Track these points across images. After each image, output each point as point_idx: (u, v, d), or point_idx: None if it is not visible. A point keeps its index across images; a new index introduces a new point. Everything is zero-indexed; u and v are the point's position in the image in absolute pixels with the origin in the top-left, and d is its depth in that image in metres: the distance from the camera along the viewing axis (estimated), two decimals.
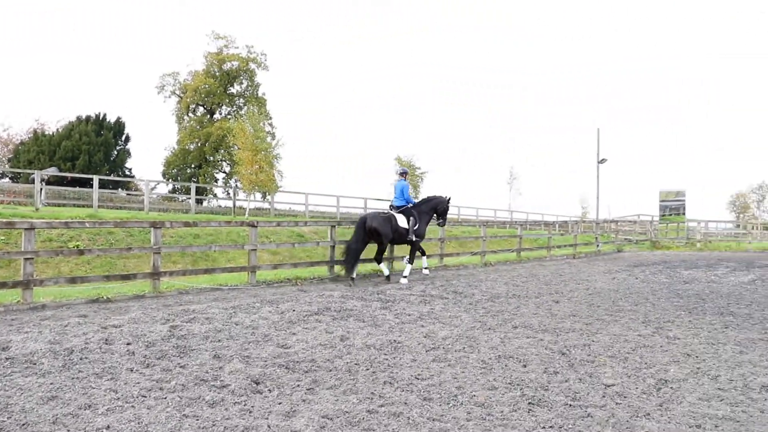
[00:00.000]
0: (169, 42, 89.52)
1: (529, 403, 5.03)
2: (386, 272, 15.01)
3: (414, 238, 14.99)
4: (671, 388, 5.57)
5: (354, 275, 14.06)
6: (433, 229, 19.70)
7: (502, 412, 4.80)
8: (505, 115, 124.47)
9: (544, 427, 4.46)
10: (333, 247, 15.30)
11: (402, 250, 17.38)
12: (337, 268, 15.18)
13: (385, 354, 6.72)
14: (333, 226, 15.68)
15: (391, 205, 15.61)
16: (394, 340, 7.42)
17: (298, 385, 5.41)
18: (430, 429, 4.38)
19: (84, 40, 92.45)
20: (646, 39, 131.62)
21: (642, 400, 5.19)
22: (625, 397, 5.27)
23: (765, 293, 12.82)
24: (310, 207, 35.92)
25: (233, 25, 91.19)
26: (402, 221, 14.82)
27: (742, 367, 6.36)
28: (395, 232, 14.69)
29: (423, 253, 16.06)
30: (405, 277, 14.50)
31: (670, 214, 36.80)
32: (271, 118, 52.71)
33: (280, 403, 4.89)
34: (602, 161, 42.80)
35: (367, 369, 6.05)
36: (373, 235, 14.35)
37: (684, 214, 36.68)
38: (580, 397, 5.22)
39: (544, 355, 6.78)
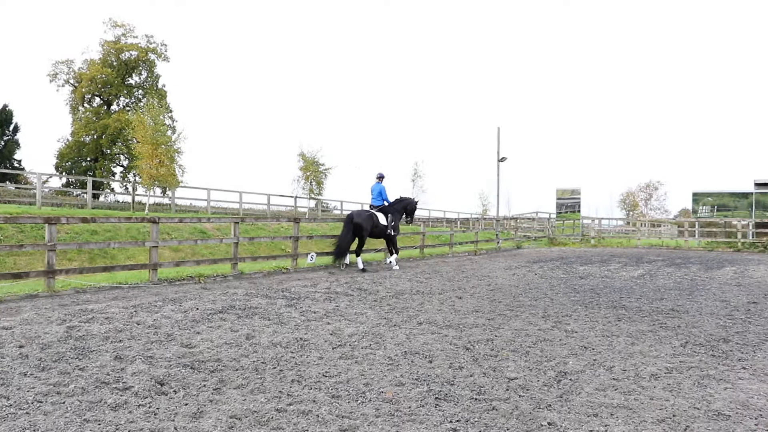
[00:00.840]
0: (62, 26, 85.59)
1: (436, 397, 5.13)
2: (361, 266, 16.87)
3: (393, 233, 17.75)
4: (570, 379, 5.80)
5: (345, 263, 17.07)
6: (337, 227, 19.73)
7: (410, 407, 4.86)
8: (409, 112, 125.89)
9: (451, 421, 4.55)
10: (236, 244, 15.06)
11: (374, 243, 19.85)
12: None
13: (292, 352, 6.68)
14: (236, 223, 15.43)
15: (371, 205, 18.17)
16: (301, 338, 7.39)
17: (205, 385, 5.31)
18: (340, 426, 4.40)
19: None
20: (547, 40, 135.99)
21: (543, 392, 5.38)
22: (527, 389, 5.45)
23: (653, 287, 13.51)
24: (212, 203, 35.25)
25: (132, 13, 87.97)
26: (381, 219, 17.43)
27: (633, 358, 6.69)
28: (375, 228, 17.26)
29: (393, 249, 18.21)
30: (395, 265, 17.71)
31: (567, 212, 38.19)
32: (171, 111, 51.33)
33: (186, 404, 4.79)
34: (502, 159, 43.92)
35: (275, 367, 6.01)
36: (357, 229, 16.76)
37: (579, 211, 38.15)
38: (485, 391, 5.36)
39: (449, 351, 6.92)
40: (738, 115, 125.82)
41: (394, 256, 17.95)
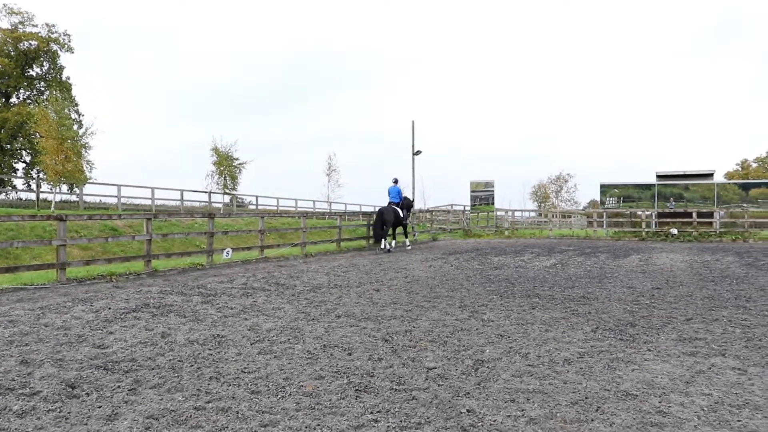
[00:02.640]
0: None
1: (356, 390, 5.15)
2: (388, 247, 22.84)
3: (407, 222, 24.57)
4: (488, 367, 5.93)
5: (384, 246, 22.68)
6: (253, 221, 19.50)
7: (330, 400, 4.87)
8: (325, 106, 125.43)
9: (372, 412, 4.58)
10: (150, 240, 14.68)
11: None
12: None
13: (210, 349, 6.58)
14: (149, 219, 15.04)
15: (390, 202, 23.81)
16: (218, 335, 7.28)
17: (119, 387, 5.16)
18: (260, 422, 4.36)
19: None
20: (459, 33, 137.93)
21: (462, 380, 5.48)
22: (446, 378, 5.53)
23: (565, 276, 13.95)
24: (123, 200, 34.20)
25: (34, 2, 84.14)
26: (400, 213, 23.49)
27: (548, 344, 6.90)
28: (397, 219, 23.37)
29: (407, 235, 25.16)
30: (408, 245, 24.89)
31: (481, 204, 38.82)
32: (77, 105, 49.43)
33: (99, 407, 4.65)
34: (417, 153, 44.24)
35: (192, 365, 5.90)
36: (385, 222, 22.79)
37: (493, 203, 38.86)
38: (405, 381, 5.42)
39: (368, 343, 6.95)
40: (642, 112, 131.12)
41: (407, 240, 25.11)
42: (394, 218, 23.04)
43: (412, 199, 25.58)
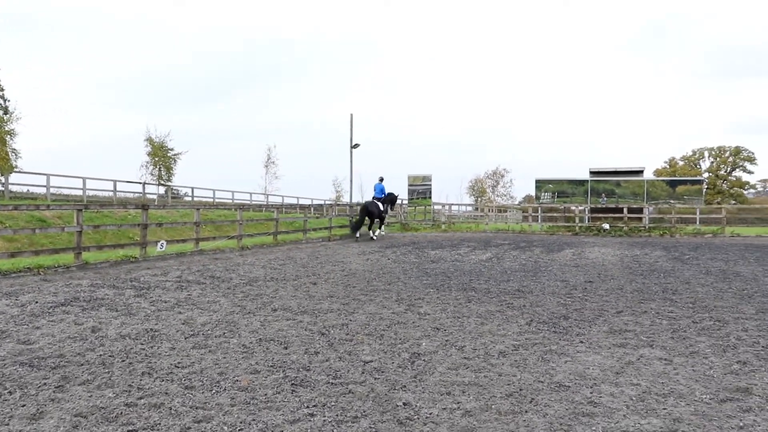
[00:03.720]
0: None
1: (293, 384, 5.10)
2: (371, 235, 26.82)
3: (385, 215, 28.26)
4: (424, 360, 5.96)
5: (358, 236, 26.63)
6: (188, 213, 19.16)
7: (266, 394, 4.81)
8: (263, 97, 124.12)
9: (308, 407, 4.55)
10: (80, 232, 14.25)
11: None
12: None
13: (142, 344, 6.43)
14: (80, 210, 14.59)
15: (373, 197, 27.77)
16: (151, 329, 7.13)
17: (45, 384, 4.99)
18: (194, 417, 4.28)
19: None
20: (397, 27, 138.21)
21: (398, 373, 5.49)
22: (382, 371, 5.54)
23: (500, 269, 14.15)
24: (53, 190, 33.10)
25: None
26: (381, 207, 27.27)
27: (483, 337, 6.98)
28: (378, 212, 26.99)
29: (381, 225, 28.53)
30: (379, 234, 27.72)
31: (418, 198, 38.99)
32: (3, 90, 47.60)
33: (24, 405, 4.47)
34: (355, 146, 44.26)
35: (123, 360, 5.75)
36: (370, 214, 26.66)
37: (430, 197, 39.11)
38: (341, 375, 5.40)
39: (304, 336, 6.91)
40: (576, 110, 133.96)
41: (381, 229, 28.45)
42: (377, 211, 26.95)
43: (397, 195, 29.15)
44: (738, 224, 35.34)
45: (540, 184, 36.30)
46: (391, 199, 28.48)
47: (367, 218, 26.82)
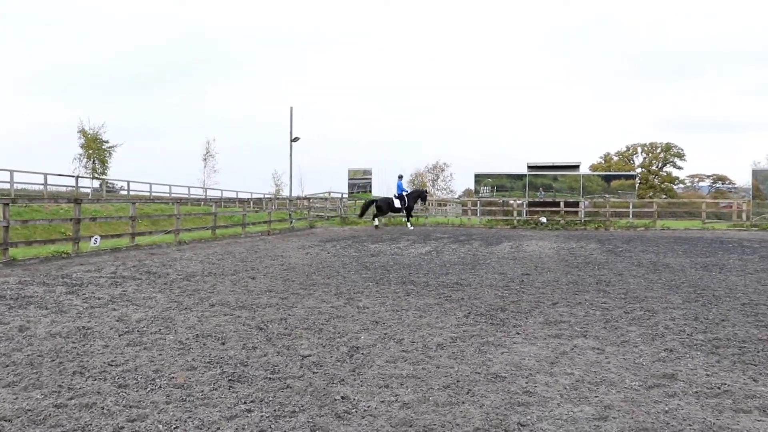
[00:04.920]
0: None
1: (230, 380, 5.04)
2: (376, 223, 30.67)
3: (404, 210, 30.80)
4: (362, 354, 5.96)
5: (377, 224, 30.49)
6: (124, 207, 18.74)
7: (202, 391, 4.74)
8: (203, 90, 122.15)
9: (245, 402, 4.50)
10: (6, 227, 13.77)
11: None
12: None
13: (74, 342, 6.25)
14: (6, 204, 14.10)
15: (394, 194, 31.13)
16: (84, 327, 6.94)
17: None
18: (128, 416, 4.18)
19: None
20: (335, 19, 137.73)
21: (337, 367, 5.48)
22: (321, 366, 5.52)
23: (440, 262, 14.27)
24: None
25: None
26: (396, 202, 30.49)
27: (421, 330, 7.02)
28: (389, 207, 30.73)
29: (408, 217, 31.39)
30: (411, 227, 30.39)
31: (359, 192, 38.87)
32: None
33: None
34: (295, 139, 44.02)
35: (53, 360, 5.58)
36: (377, 207, 30.64)
37: (371, 191, 39.09)
38: (279, 370, 5.36)
39: (242, 332, 6.84)
40: (516, 105, 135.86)
41: (409, 223, 31.18)
42: (387, 207, 30.88)
43: (425, 191, 33.99)
44: (668, 218, 36.42)
45: (479, 178, 36.63)
46: (418, 194, 32.48)
47: (377, 211, 30.92)
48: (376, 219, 31.11)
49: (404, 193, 31.27)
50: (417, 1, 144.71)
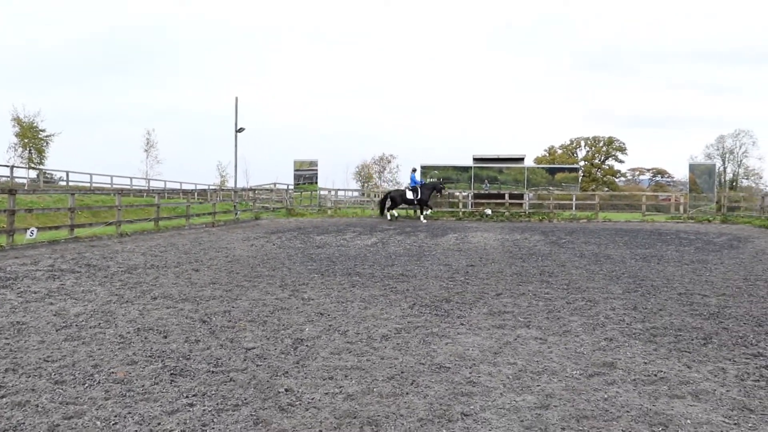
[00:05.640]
0: None
1: (171, 373, 4.96)
2: (389, 217, 30.34)
3: (416, 202, 30.59)
4: (307, 345, 5.93)
5: (389, 217, 30.33)
6: (63, 198, 18.25)
7: (143, 386, 4.65)
8: (144, 81, 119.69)
9: (187, 396, 4.43)
10: None
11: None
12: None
13: (7, 338, 6.06)
14: None
15: (407, 186, 31.53)
16: (18, 322, 6.74)
17: None
18: (64, 414, 4.07)
19: None
20: (286, 13, 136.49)
21: (281, 359, 5.44)
22: (265, 358, 5.47)
23: (385, 254, 14.29)
24: None
25: None
26: (409, 194, 30.43)
27: (366, 321, 7.02)
28: (402, 199, 30.60)
29: (423, 211, 31.01)
30: (425, 219, 30.68)
31: (305, 183, 38.65)
32: None
33: None
34: (240, 130, 43.56)
35: None
36: (392, 199, 30.67)
37: (317, 183, 38.90)
38: (222, 363, 5.30)
39: (185, 325, 6.73)
40: (463, 97, 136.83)
41: (422, 216, 30.87)
42: (400, 199, 30.71)
43: (441, 184, 32.65)
44: (610, 210, 37.19)
45: (425, 170, 36.74)
46: (433, 186, 31.41)
47: (391, 203, 30.78)
48: (388, 212, 30.76)
49: (418, 186, 30.94)
50: None
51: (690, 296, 8.87)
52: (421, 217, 31.02)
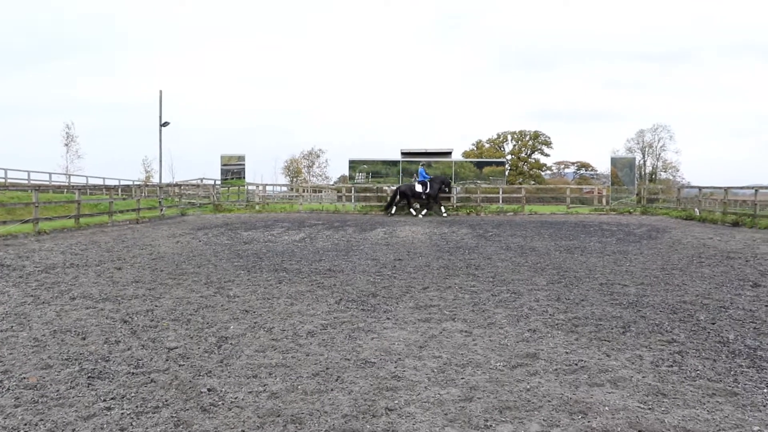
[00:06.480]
0: None
1: (89, 377, 4.80)
2: (414, 213, 29.67)
3: (424, 196, 29.51)
4: (231, 344, 5.84)
5: (392, 212, 29.93)
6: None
7: (58, 390, 4.49)
8: (64, 73, 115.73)
9: (105, 400, 4.30)
10: None
11: None
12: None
13: None
14: None
15: (416, 181, 30.42)
16: None
17: None
18: None
19: None
20: (210, 7, 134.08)
21: (204, 359, 5.34)
22: (188, 358, 5.36)
23: (313, 249, 14.20)
24: None
25: None
26: (418, 188, 29.55)
27: (292, 318, 6.96)
28: (412, 193, 29.77)
29: (428, 205, 29.81)
30: (422, 215, 29.05)
31: (232, 178, 38.04)
32: None
33: None
34: (165, 124, 42.57)
35: None
36: (402, 194, 30.01)
37: (244, 177, 38.36)
38: (143, 364, 5.16)
39: (105, 325, 6.54)
40: (391, 92, 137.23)
41: (424, 211, 29.65)
42: (410, 193, 30.10)
43: (448, 177, 32.92)
44: (536, 203, 38.08)
45: (354, 164, 36.69)
46: (442, 181, 30.53)
47: (402, 199, 30.36)
48: (393, 207, 30.22)
49: (427, 180, 30.10)
50: None
51: (611, 286, 9.13)
52: (421, 214, 29.87)
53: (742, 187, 29.13)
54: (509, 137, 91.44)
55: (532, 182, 79.90)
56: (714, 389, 4.62)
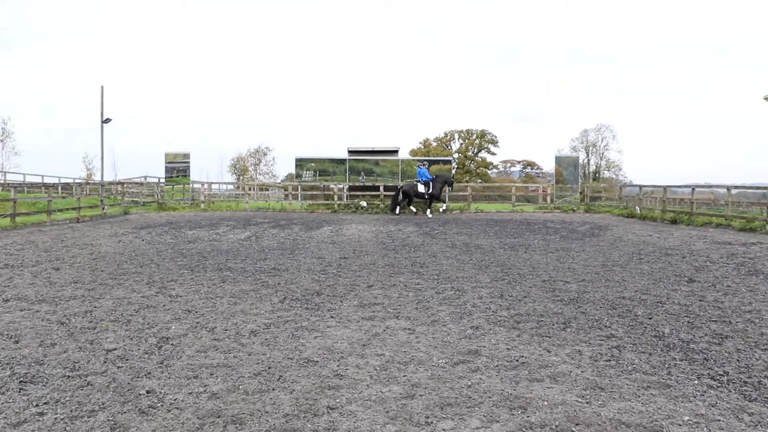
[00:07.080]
0: None
1: (21, 381, 4.66)
2: (414, 210, 29.91)
3: (427, 196, 29.53)
4: (172, 344, 5.74)
5: (397, 212, 29.65)
6: None
7: None
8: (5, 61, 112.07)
9: (37, 405, 4.18)
10: None
11: None
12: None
13: None
14: None
15: (417, 180, 30.21)
16: None
17: None
18: None
19: None
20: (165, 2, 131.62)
21: (144, 360, 5.24)
22: (127, 359, 5.25)
23: (258, 248, 14.07)
24: None
25: None
26: (421, 188, 29.47)
27: (235, 317, 6.89)
28: (414, 192, 29.69)
29: (430, 204, 29.90)
30: (430, 215, 28.74)
31: (177, 176, 37.41)
32: None
33: None
34: (107, 121, 41.74)
35: None
36: (404, 193, 29.91)
37: (189, 175, 37.81)
38: (80, 367, 5.04)
39: (40, 328, 6.36)
40: (336, 91, 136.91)
41: (429, 210, 29.49)
42: (412, 192, 30.05)
43: (451, 177, 35.00)
44: (482, 201, 38.28)
45: (301, 162, 36.51)
46: (444, 180, 30.78)
47: (404, 198, 30.31)
48: (405, 208, 30.18)
49: (430, 180, 30.01)
50: None
51: (553, 283, 9.28)
52: (428, 212, 29.61)
53: (680, 186, 29.90)
54: (456, 136, 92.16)
55: (479, 180, 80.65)
56: (649, 382, 4.74)
